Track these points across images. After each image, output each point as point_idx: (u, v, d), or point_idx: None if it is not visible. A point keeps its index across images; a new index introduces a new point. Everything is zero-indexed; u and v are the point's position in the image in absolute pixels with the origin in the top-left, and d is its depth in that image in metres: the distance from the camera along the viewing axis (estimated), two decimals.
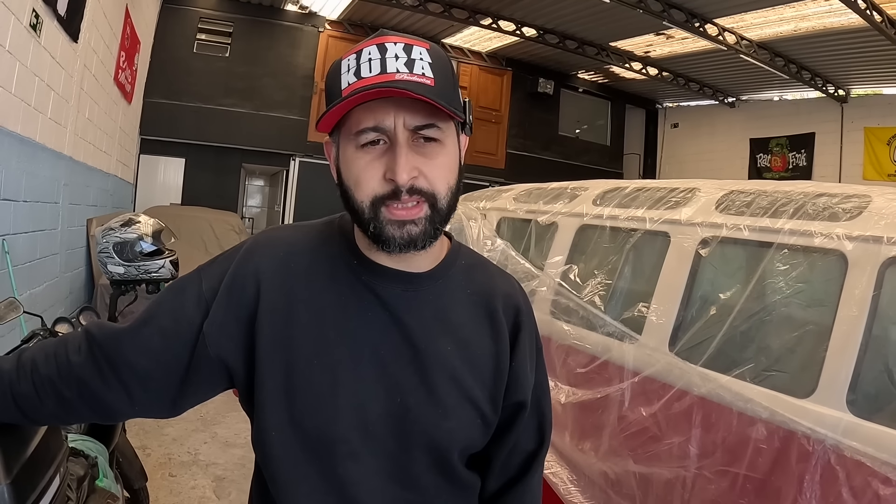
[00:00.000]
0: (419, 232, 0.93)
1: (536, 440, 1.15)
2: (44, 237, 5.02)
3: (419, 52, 0.92)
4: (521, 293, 1.15)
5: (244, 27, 11.87)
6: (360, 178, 0.93)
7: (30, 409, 1.03)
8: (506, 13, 11.43)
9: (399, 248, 0.93)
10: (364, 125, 0.91)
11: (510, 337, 1.08)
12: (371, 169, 0.92)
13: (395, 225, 0.92)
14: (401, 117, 0.91)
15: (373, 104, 0.90)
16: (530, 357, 1.11)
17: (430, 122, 0.92)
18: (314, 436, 0.97)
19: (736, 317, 2.42)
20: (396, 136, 0.91)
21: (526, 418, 1.12)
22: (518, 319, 1.09)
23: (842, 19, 9.03)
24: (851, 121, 12.18)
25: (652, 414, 2.56)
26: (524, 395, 1.09)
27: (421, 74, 0.90)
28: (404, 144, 0.91)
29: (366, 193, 0.93)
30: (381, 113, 0.91)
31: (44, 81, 4.57)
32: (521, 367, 1.08)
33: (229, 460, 4.29)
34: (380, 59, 0.90)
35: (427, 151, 0.93)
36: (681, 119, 16.15)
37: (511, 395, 1.07)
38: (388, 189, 0.92)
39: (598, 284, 3.13)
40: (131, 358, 1.00)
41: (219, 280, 1.02)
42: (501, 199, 4.40)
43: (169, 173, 11.64)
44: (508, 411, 1.09)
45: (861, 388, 2.01)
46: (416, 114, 0.91)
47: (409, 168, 0.90)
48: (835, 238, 2.20)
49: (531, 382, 1.11)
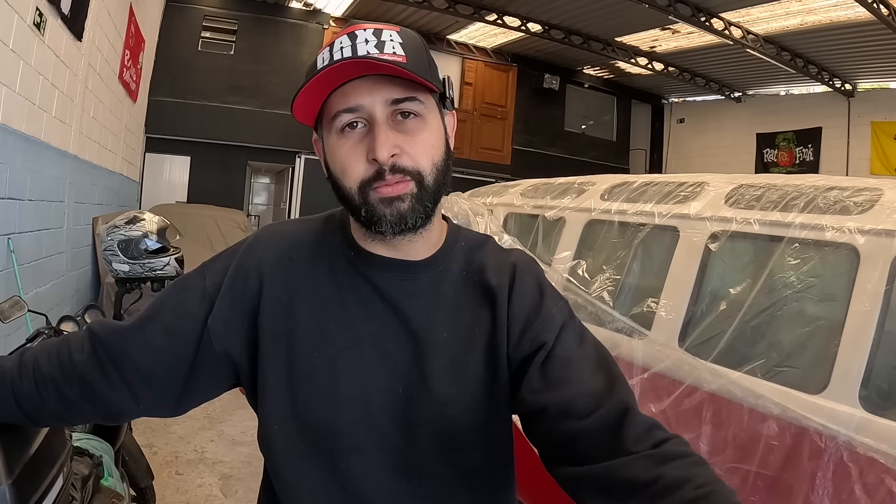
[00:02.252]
0: (407, 208, 0.91)
1: (601, 377, 0.92)
2: (49, 236, 5.03)
3: (389, 34, 0.92)
4: (517, 254, 1.08)
5: (249, 25, 11.88)
6: (344, 165, 0.92)
7: (32, 410, 1.02)
8: (511, 9, 11.42)
9: (391, 226, 0.91)
10: (338, 108, 0.91)
11: (507, 295, 1.00)
12: (354, 153, 0.91)
13: (383, 203, 0.91)
14: (376, 94, 0.90)
15: (347, 88, 0.90)
16: (535, 298, 1.00)
17: (408, 94, 0.91)
18: (317, 429, 0.96)
19: (746, 312, 2.40)
20: (374, 113, 0.90)
21: (566, 360, 0.94)
22: (513, 273, 1.02)
23: (848, 13, 9.00)
24: (858, 115, 12.15)
25: (662, 410, 2.54)
26: (535, 335, 0.96)
27: (392, 53, 0.89)
28: (383, 123, 0.90)
29: (352, 179, 0.92)
30: (355, 94, 0.90)
31: (48, 80, 4.56)
32: (520, 310, 0.99)
33: (236, 458, 4.28)
34: (350, 45, 0.90)
35: (408, 128, 0.92)
36: (687, 114, 16.13)
37: (519, 346, 0.97)
38: (372, 171, 0.90)
39: (607, 280, 3.11)
40: (135, 356, 0.99)
41: (222, 275, 1.01)
42: (508, 195, 4.39)
43: (174, 171, 11.67)
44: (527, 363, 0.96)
45: (874, 384, 1.98)
46: (393, 89, 0.90)
47: (388, 146, 0.89)
48: (846, 232, 2.17)
49: (543, 320, 0.98)
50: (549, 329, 0.97)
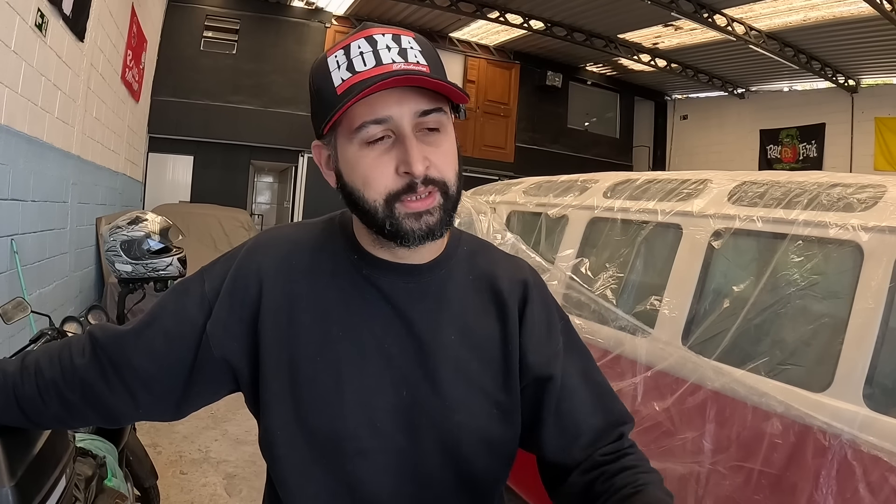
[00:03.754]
0: (436, 221, 0.91)
1: (600, 414, 1.06)
2: (53, 236, 5.04)
3: (408, 41, 0.90)
4: (528, 269, 1.11)
5: (251, 24, 11.90)
6: (368, 177, 0.90)
7: (34, 413, 1.02)
8: (513, 6, 11.42)
9: (418, 240, 0.91)
10: (365, 119, 0.88)
11: (518, 312, 1.04)
12: (380, 165, 0.89)
13: (412, 218, 0.90)
14: (405, 106, 0.88)
15: (370, 98, 0.87)
16: (546, 329, 1.06)
17: (435, 105, 0.90)
18: (321, 434, 0.96)
19: (750, 310, 2.38)
20: (403, 126, 0.88)
21: (573, 393, 1.05)
22: (525, 293, 1.06)
23: (851, 8, 8.98)
24: (862, 111, 12.12)
25: (665, 409, 2.53)
26: (542, 371, 1.03)
27: (416, 63, 0.88)
28: (412, 136, 0.88)
29: (378, 192, 0.90)
30: (382, 105, 0.87)
31: (50, 81, 4.57)
32: (530, 339, 1.03)
33: (240, 457, 4.29)
34: (371, 51, 0.88)
35: (432, 140, 0.91)
36: (690, 111, 16.11)
37: (526, 372, 1.03)
38: (402, 183, 0.89)
39: (610, 278, 3.10)
40: (135, 361, 0.99)
41: (221, 280, 1.00)
42: (511, 193, 4.38)
43: (178, 171, 11.71)
44: (530, 390, 1.04)
45: (878, 382, 1.97)
46: (420, 100, 0.88)
47: (422, 158, 0.88)
48: (850, 229, 2.16)
49: (552, 354, 1.05)
50: (556, 359, 1.05)
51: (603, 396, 1.09)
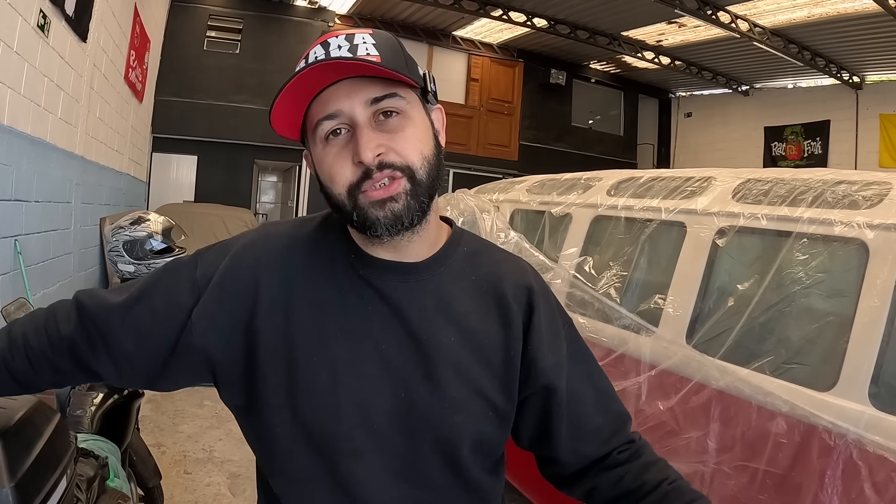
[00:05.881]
0: (402, 208, 0.91)
1: (606, 415, 1.11)
2: (57, 237, 5.04)
3: (362, 37, 0.91)
4: (532, 273, 1.11)
5: (254, 23, 11.91)
6: (331, 172, 0.93)
7: (27, 382, 1.05)
8: (516, 4, 11.41)
9: (386, 229, 0.91)
10: (318, 117, 0.91)
11: (523, 320, 1.03)
12: (340, 159, 0.91)
13: (376, 206, 0.90)
14: (354, 98, 0.90)
15: (324, 95, 0.90)
16: (552, 337, 1.06)
17: (387, 92, 0.91)
18: (317, 434, 0.95)
19: (754, 308, 2.37)
20: (355, 116, 0.90)
21: (580, 397, 1.08)
22: (531, 300, 1.05)
23: (856, 4, 8.95)
24: (867, 108, 12.08)
25: (669, 408, 2.52)
26: (549, 379, 1.04)
27: (366, 54, 0.89)
28: (365, 124, 0.90)
29: (341, 185, 0.92)
30: (333, 100, 0.90)
31: (53, 82, 4.58)
32: (538, 349, 1.03)
33: (244, 457, 4.28)
34: (324, 52, 0.90)
35: (392, 126, 0.92)
36: (694, 108, 16.08)
37: (534, 381, 1.03)
38: (359, 173, 0.90)
39: (614, 276, 3.09)
40: (121, 335, 1.00)
41: (213, 269, 1.00)
42: (514, 191, 4.37)
43: (182, 171, 11.71)
44: (537, 398, 1.05)
45: (884, 381, 1.96)
46: (371, 88, 0.90)
47: (372, 146, 0.89)
48: (855, 226, 2.14)
49: (557, 364, 1.05)
50: (563, 365, 1.07)
51: (606, 398, 1.13)
